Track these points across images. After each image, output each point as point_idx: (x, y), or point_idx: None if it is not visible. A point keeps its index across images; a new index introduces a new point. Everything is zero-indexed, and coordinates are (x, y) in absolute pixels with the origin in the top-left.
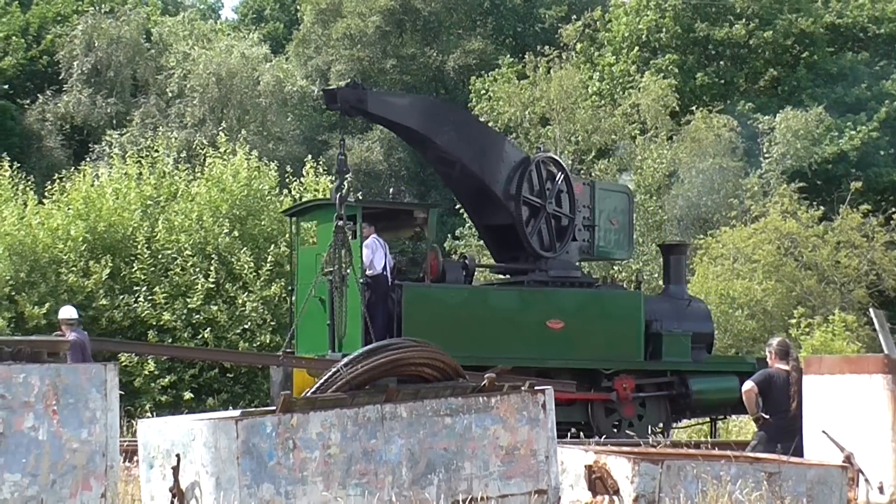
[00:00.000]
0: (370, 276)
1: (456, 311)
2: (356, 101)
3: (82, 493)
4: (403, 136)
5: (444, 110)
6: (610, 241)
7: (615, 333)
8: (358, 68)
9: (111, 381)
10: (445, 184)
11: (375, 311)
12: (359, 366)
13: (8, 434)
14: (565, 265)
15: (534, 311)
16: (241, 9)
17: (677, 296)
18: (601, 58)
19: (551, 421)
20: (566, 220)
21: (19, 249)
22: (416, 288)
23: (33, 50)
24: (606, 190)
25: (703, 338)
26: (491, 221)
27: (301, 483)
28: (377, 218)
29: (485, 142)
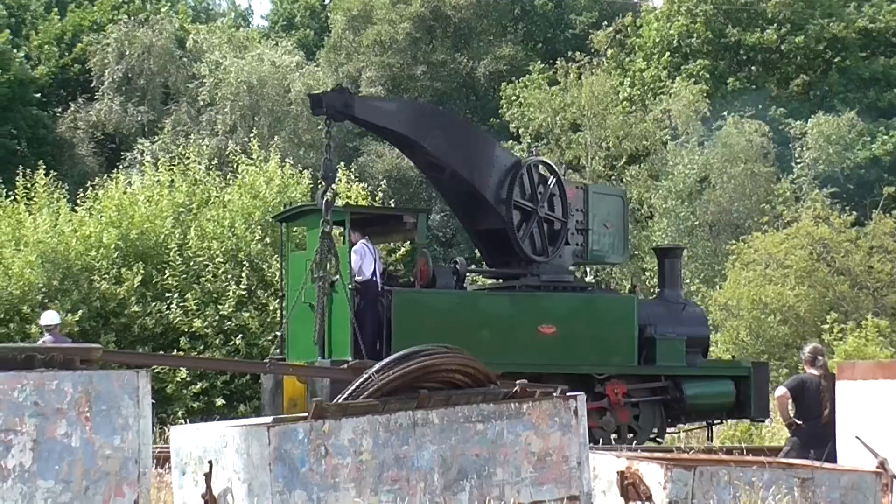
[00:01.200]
0: (359, 281)
1: (446, 316)
2: (342, 105)
3: (115, 499)
4: (392, 140)
5: (432, 115)
6: (604, 244)
7: (608, 338)
8: (388, 75)
9: (143, 387)
10: (436, 189)
11: (365, 317)
12: (390, 372)
13: (41, 441)
14: (558, 269)
15: (525, 316)
16: (272, 16)
17: (672, 300)
18: (632, 63)
19: (583, 427)
20: (559, 224)
21: (52, 257)
22: (405, 293)
23: (66, 58)
24: (600, 194)
25: (699, 342)
26: (482, 226)
27: (333, 489)
28: (366, 223)
29: (475, 146)
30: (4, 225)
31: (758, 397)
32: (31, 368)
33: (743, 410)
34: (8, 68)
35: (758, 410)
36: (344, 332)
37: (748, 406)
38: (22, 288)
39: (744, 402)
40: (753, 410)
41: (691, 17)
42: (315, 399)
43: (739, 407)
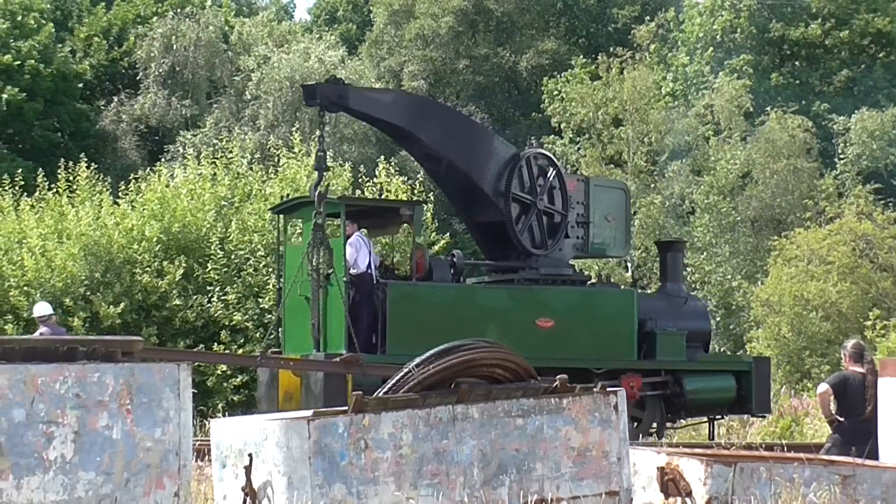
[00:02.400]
0: (354, 274)
1: (442, 309)
2: (336, 97)
3: (156, 491)
4: (388, 132)
5: (428, 106)
6: (606, 238)
7: (607, 332)
8: (430, 69)
9: (184, 380)
10: (434, 181)
11: (360, 309)
12: (431, 366)
13: (83, 433)
14: (557, 263)
15: (522, 310)
16: (315, 10)
17: (673, 294)
18: (675, 58)
19: (623, 422)
20: (558, 217)
21: (94, 250)
22: (401, 286)
23: (114, 51)
24: (602, 186)
25: (700, 336)
26: (480, 219)
27: (373, 483)
28: (362, 215)
29: (472, 138)
30: (47, 217)
31: (759, 392)
32: (73, 361)
33: (744, 405)
34: (52, 62)
35: (759, 405)
36: (338, 326)
37: (749, 401)
38: (65, 280)
39: (745, 396)
40: (755, 405)
41: (735, 11)
42: (355, 393)
43: (740, 402)
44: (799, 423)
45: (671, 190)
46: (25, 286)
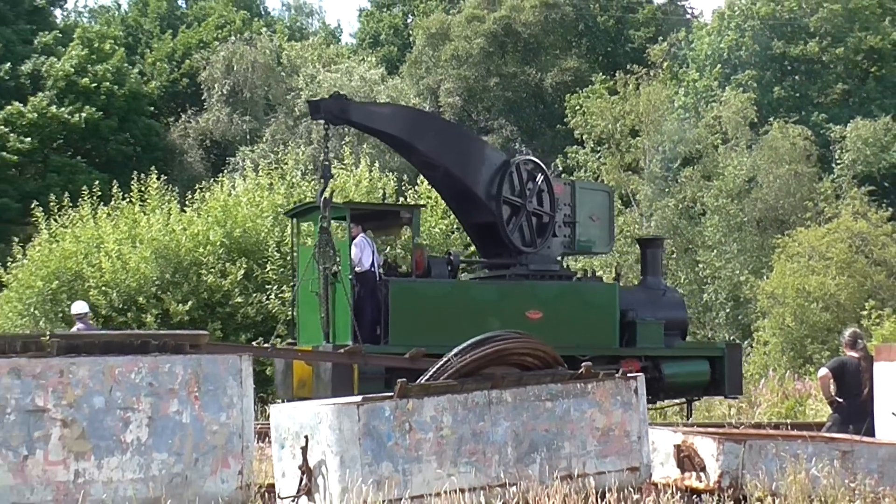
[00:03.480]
0: (359, 272)
1: (440, 303)
2: (339, 111)
3: (222, 470)
4: (388, 142)
5: (425, 118)
6: (591, 236)
7: (591, 322)
8: (464, 86)
9: (246, 370)
10: (432, 186)
11: (365, 304)
12: (468, 356)
13: (156, 418)
14: (545, 259)
15: (513, 303)
16: (359, 34)
17: (653, 286)
18: (686, 74)
19: (643, 405)
20: (546, 218)
21: (164, 253)
22: (401, 283)
23: (176, 73)
24: (587, 189)
25: (677, 324)
26: (475, 220)
27: (416, 462)
28: (365, 218)
29: (466, 146)
30: (122, 224)
31: (731, 376)
32: (146, 353)
33: (718, 388)
34: (124, 83)
35: (731, 388)
36: (345, 319)
37: (723, 384)
38: (138, 281)
39: (719, 380)
40: (727, 388)
41: (740, 31)
42: (399, 380)
43: (714, 385)
44: (802, 405)
45: (684, 193)
46: (103, 286)
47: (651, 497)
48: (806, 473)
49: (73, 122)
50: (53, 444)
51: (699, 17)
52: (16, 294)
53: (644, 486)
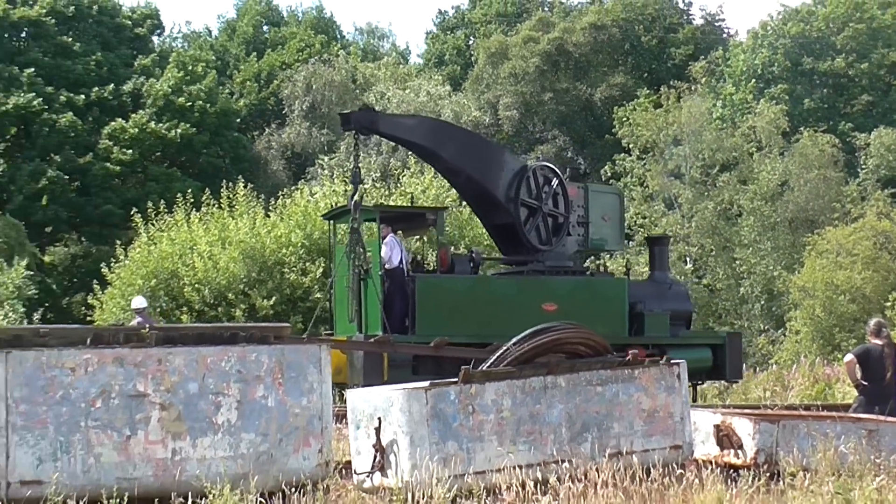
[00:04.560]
0: (388, 269)
1: (462, 297)
2: (368, 122)
3: (303, 449)
4: (414, 150)
5: (447, 128)
6: (603, 235)
7: (603, 314)
8: (521, 101)
9: (325, 358)
10: (455, 189)
11: (394, 298)
12: (525, 344)
13: (244, 402)
14: (560, 257)
15: (530, 296)
16: (426, 55)
17: (660, 280)
18: (723, 88)
19: (685, 388)
20: (561, 219)
21: (251, 253)
22: (427, 278)
23: (263, 92)
24: (599, 192)
25: (682, 315)
26: (495, 221)
27: (479, 441)
28: (394, 220)
29: (486, 153)
30: (213, 228)
31: (732, 362)
32: (235, 343)
33: (719, 373)
34: (215, 101)
35: (732, 373)
36: (376, 312)
37: (724, 369)
38: (227, 279)
39: (720, 366)
40: (728, 373)
41: (772, 49)
42: (464, 367)
43: (716, 370)
44: (831, 388)
45: (722, 197)
46: (196, 284)
47: (693, 472)
48: (835, 450)
49: (169, 137)
50: (153, 425)
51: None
52: (119, 291)
53: (686, 463)
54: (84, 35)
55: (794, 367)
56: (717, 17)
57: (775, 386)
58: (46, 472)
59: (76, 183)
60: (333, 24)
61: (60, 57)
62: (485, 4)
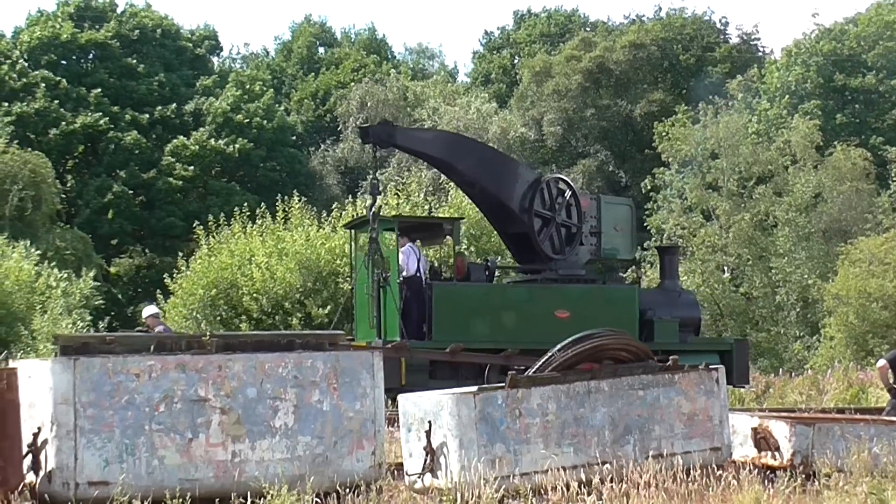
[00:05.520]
0: (406, 277)
1: (478, 304)
2: (386, 136)
3: (357, 451)
4: (431, 163)
5: (463, 142)
6: (615, 244)
7: (614, 320)
8: (564, 117)
9: (377, 364)
10: (471, 200)
11: (411, 306)
12: (569, 351)
13: (300, 406)
14: (572, 265)
15: (543, 304)
16: (473, 73)
17: (670, 289)
18: (758, 104)
19: (723, 392)
20: (574, 229)
21: (307, 264)
22: (444, 286)
23: (319, 109)
24: (611, 203)
25: (691, 322)
26: (509, 231)
27: (525, 443)
28: (412, 230)
29: (500, 166)
30: (269, 240)
31: (738, 367)
32: (292, 350)
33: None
34: (272, 118)
35: (739, 378)
36: (394, 318)
37: (731, 375)
38: (284, 289)
39: (728, 371)
40: (735, 378)
41: (806, 66)
42: (510, 372)
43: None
44: (864, 392)
45: (758, 208)
46: (255, 293)
47: (731, 474)
48: (868, 452)
49: (228, 153)
50: (214, 428)
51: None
52: (181, 300)
53: (725, 464)
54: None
55: (828, 371)
56: (752, 37)
57: (811, 390)
58: (113, 474)
59: (140, 197)
60: (385, 44)
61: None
62: (529, 25)
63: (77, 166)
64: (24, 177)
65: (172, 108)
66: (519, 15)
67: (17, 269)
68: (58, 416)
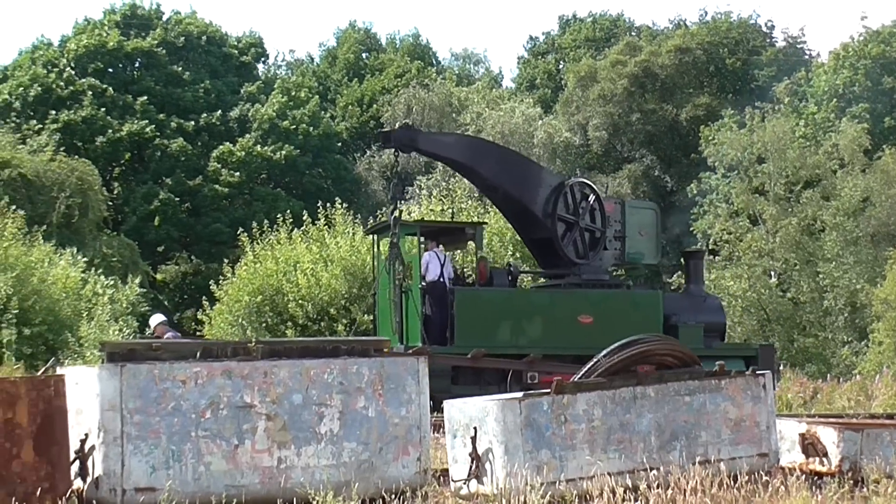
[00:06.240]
0: (428, 282)
1: (500, 309)
2: (408, 140)
3: (402, 457)
4: (453, 167)
5: (485, 146)
6: (640, 249)
7: (637, 325)
8: (610, 122)
9: (422, 370)
10: (494, 205)
11: (434, 311)
12: (615, 356)
13: (346, 412)
14: (596, 270)
15: (567, 309)
16: (518, 79)
17: (695, 293)
18: (805, 108)
19: (770, 398)
20: (598, 233)
21: (352, 270)
22: (466, 291)
23: (364, 115)
24: (635, 207)
25: (716, 327)
26: (533, 235)
27: (571, 449)
28: (436, 234)
29: (523, 170)
30: (314, 246)
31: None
32: (337, 356)
33: None
34: (318, 125)
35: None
36: (416, 324)
37: None
38: (329, 295)
39: None
40: None
41: (854, 69)
42: (556, 378)
43: None
44: None
45: (805, 213)
46: (300, 300)
47: (779, 480)
48: None
49: (274, 159)
50: (259, 435)
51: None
52: (226, 307)
53: (772, 470)
54: (193, 64)
55: (877, 377)
56: (798, 40)
57: (859, 395)
58: (159, 480)
59: (186, 204)
60: (429, 50)
61: (171, 85)
62: (574, 30)
63: (123, 173)
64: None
65: (218, 115)
66: (564, 20)
67: (64, 276)
68: (105, 422)
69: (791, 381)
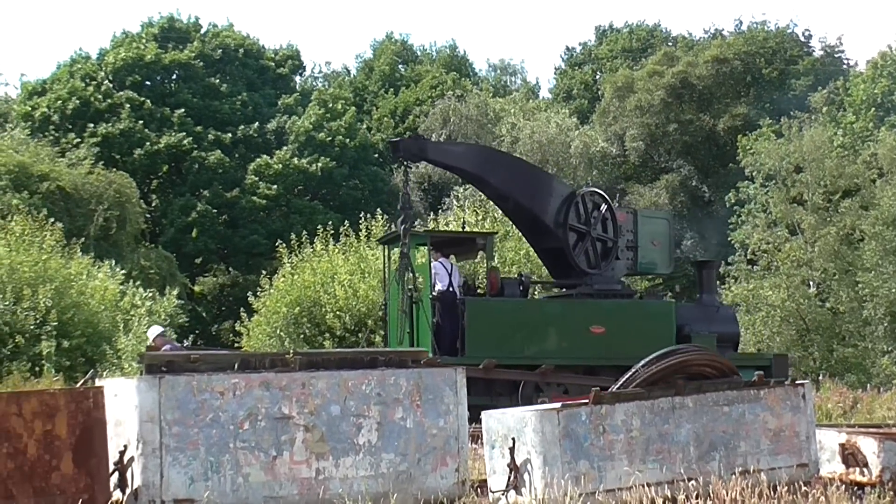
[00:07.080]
0: (439, 292)
1: (511, 319)
2: (417, 150)
3: (440, 468)
4: (463, 177)
5: (495, 156)
6: (652, 258)
7: (650, 336)
8: (647, 132)
9: (460, 381)
10: (505, 214)
11: (444, 321)
12: (653, 367)
13: (384, 423)
14: (608, 280)
15: (578, 319)
16: (555, 89)
17: (708, 303)
18: (843, 117)
19: (810, 408)
20: (610, 243)
21: None
22: (477, 301)
23: (400, 127)
24: (648, 217)
25: (729, 337)
26: (544, 245)
27: (610, 460)
28: (445, 245)
29: (534, 180)
30: (352, 257)
31: None
32: (375, 367)
33: None
34: (355, 137)
35: None
36: (426, 333)
37: None
38: (367, 306)
39: None
40: None
41: (892, 78)
42: (594, 388)
43: None
44: None
45: (844, 222)
46: (338, 311)
47: (819, 490)
48: None
49: (311, 171)
50: (298, 446)
51: (855, 66)
52: (264, 319)
53: (812, 481)
54: (230, 76)
55: None
56: (836, 49)
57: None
58: (198, 491)
59: (224, 216)
60: (466, 61)
61: (208, 98)
62: (611, 41)
63: (161, 186)
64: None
65: (255, 128)
66: (601, 30)
67: (102, 288)
68: (143, 433)
69: (831, 390)
